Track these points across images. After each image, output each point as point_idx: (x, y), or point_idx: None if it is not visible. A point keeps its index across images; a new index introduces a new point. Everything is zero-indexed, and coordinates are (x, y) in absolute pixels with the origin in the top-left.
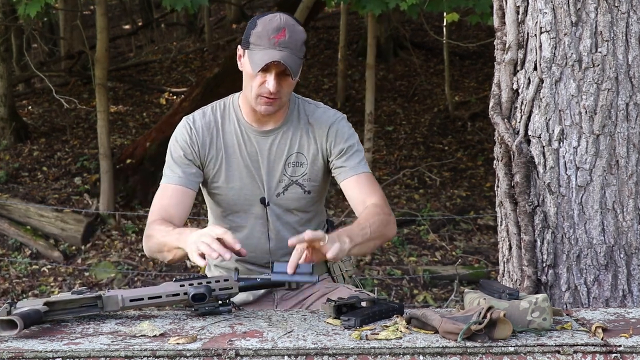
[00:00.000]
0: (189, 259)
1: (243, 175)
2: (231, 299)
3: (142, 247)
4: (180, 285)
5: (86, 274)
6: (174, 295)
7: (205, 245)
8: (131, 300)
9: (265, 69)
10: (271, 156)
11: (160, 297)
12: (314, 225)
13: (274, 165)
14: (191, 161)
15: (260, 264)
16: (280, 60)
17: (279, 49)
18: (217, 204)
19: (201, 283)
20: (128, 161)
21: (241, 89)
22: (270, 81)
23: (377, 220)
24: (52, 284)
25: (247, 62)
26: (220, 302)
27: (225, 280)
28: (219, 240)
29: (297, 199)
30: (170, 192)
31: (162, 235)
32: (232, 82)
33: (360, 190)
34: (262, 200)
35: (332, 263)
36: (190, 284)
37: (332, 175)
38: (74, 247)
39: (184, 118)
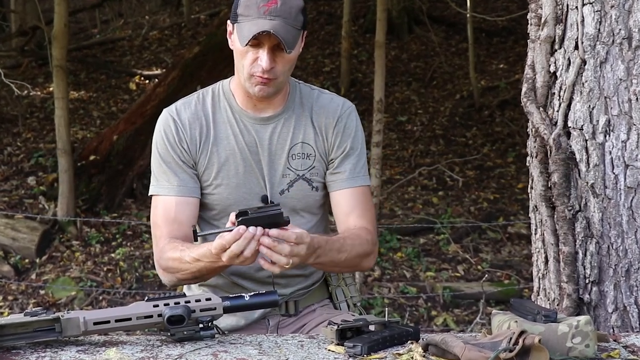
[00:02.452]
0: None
1: (240, 170)
2: (215, 322)
3: (107, 259)
4: (154, 306)
5: (42, 291)
6: (146, 317)
7: (246, 256)
8: (95, 324)
9: (257, 44)
10: (272, 147)
11: (129, 319)
12: (322, 231)
13: (276, 157)
14: (184, 162)
15: (259, 280)
16: (271, 31)
17: (269, 18)
18: (207, 207)
19: (178, 303)
20: (91, 158)
21: (226, 71)
22: (264, 57)
23: (360, 250)
24: (0, 304)
25: (235, 37)
26: (201, 325)
27: (208, 299)
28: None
29: (303, 197)
30: (174, 206)
31: (190, 264)
32: (214, 63)
33: (351, 208)
34: (264, 199)
35: (335, 287)
36: (166, 304)
37: (325, 176)
38: (27, 260)
39: (165, 111)
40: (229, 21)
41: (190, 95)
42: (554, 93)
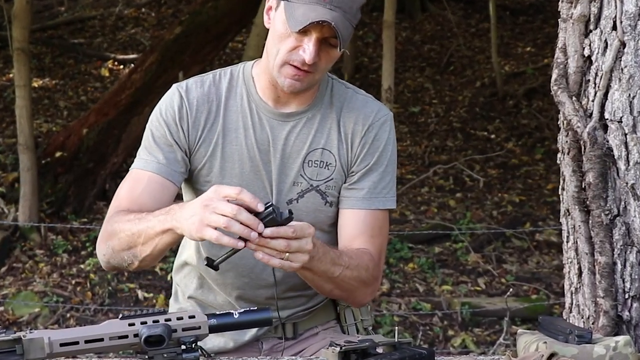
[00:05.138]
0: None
1: (245, 169)
2: (199, 343)
3: (76, 271)
4: (129, 324)
5: (0, 308)
6: (120, 337)
7: (216, 215)
8: (62, 345)
9: (305, 31)
10: (287, 148)
11: (101, 340)
12: None
13: (289, 160)
14: (177, 144)
15: (258, 300)
16: (332, 22)
17: (329, 7)
18: None
19: (158, 321)
20: (58, 154)
21: (212, 55)
22: (309, 47)
23: (356, 274)
24: None
25: (280, 17)
26: (184, 347)
27: (191, 317)
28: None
29: (314, 211)
30: (144, 182)
31: (134, 223)
32: (199, 46)
33: (360, 231)
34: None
35: (345, 307)
36: (143, 323)
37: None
38: None
39: (174, 85)
40: None
41: (206, 74)
42: (589, 80)
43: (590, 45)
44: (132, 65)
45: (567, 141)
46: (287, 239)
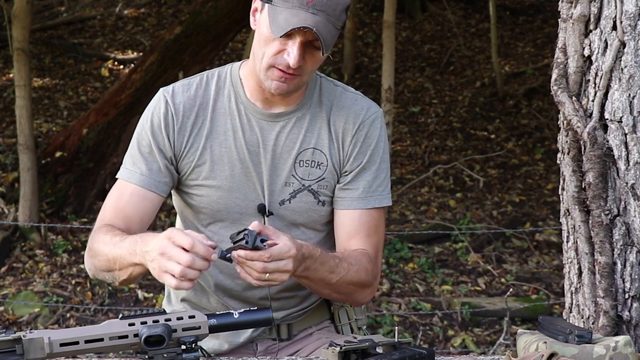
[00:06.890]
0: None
1: (236, 171)
2: (199, 343)
3: (76, 271)
4: (129, 324)
5: (0, 308)
6: (120, 337)
7: (172, 263)
8: (62, 345)
9: (289, 35)
10: (277, 149)
11: (101, 340)
12: (327, 250)
13: (280, 161)
14: (161, 152)
15: (251, 301)
16: (313, 28)
17: (312, 12)
18: (193, 210)
19: (158, 321)
20: (58, 154)
21: (212, 55)
22: (293, 52)
23: (355, 277)
24: None
25: (264, 20)
26: (183, 347)
27: (191, 317)
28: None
29: (306, 211)
30: (128, 194)
31: (110, 248)
32: (199, 46)
33: (356, 231)
34: (261, 209)
35: (339, 307)
36: (143, 322)
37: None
38: None
39: (160, 90)
40: None
41: (194, 77)
42: (589, 80)
43: (590, 45)
44: (132, 65)
45: (567, 141)
46: (264, 262)
